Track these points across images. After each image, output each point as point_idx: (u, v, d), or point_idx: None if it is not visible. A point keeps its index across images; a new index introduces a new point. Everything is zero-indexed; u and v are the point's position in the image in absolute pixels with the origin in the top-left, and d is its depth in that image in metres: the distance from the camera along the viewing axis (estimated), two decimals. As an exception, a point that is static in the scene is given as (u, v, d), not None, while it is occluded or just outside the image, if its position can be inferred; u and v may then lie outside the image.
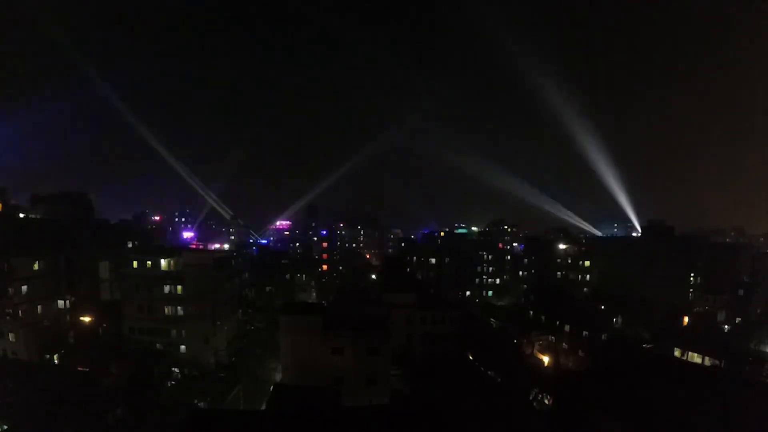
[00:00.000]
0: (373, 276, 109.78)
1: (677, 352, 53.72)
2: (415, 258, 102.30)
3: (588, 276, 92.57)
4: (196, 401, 43.31)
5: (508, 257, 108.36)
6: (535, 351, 59.64)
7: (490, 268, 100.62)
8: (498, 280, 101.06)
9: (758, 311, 75.96)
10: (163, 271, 54.70)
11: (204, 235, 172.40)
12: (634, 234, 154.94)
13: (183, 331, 53.83)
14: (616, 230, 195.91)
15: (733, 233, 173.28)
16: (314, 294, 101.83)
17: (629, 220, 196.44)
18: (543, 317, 65.86)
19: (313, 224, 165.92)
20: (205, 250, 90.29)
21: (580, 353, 56.83)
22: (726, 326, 75.91)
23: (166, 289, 54.02)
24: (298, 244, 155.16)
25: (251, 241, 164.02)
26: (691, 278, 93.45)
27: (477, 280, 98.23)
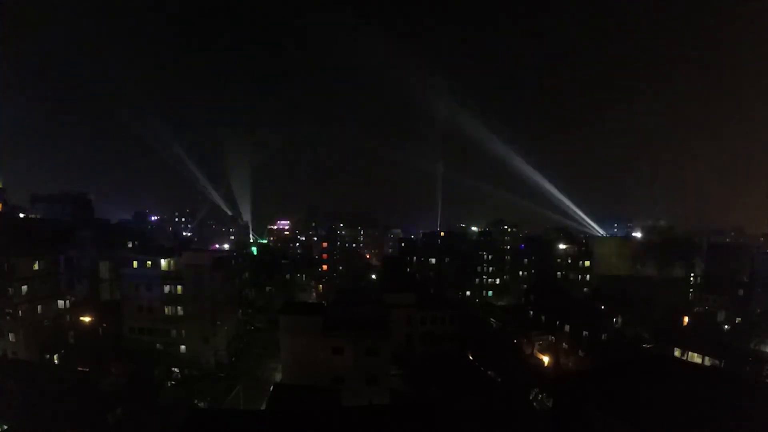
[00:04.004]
0: (373, 276, 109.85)
1: (677, 352, 53.71)
2: (415, 258, 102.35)
3: (588, 276, 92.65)
4: (196, 401, 43.29)
5: (508, 257, 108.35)
6: (535, 351, 59.66)
7: (490, 268, 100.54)
8: (498, 280, 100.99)
9: (758, 311, 75.90)
10: (163, 271, 54.70)
11: (204, 235, 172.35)
12: (634, 234, 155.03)
13: (183, 331, 53.80)
14: (615, 230, 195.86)
15: (733, 233, 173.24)
16: (314, 294, 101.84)
17: (629, 220, 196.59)
18: (543, 317, 65.83)
19: (313, 224, 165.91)
20: (205, 250, 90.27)
21: (580, 353, 56.83)
22: (726, 326, 75.94)
23: (166, 289, 54.01)
24: (298, 244, 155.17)
25: (252, 240, 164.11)
26: (691, 278, 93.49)
27: (477, 280, 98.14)
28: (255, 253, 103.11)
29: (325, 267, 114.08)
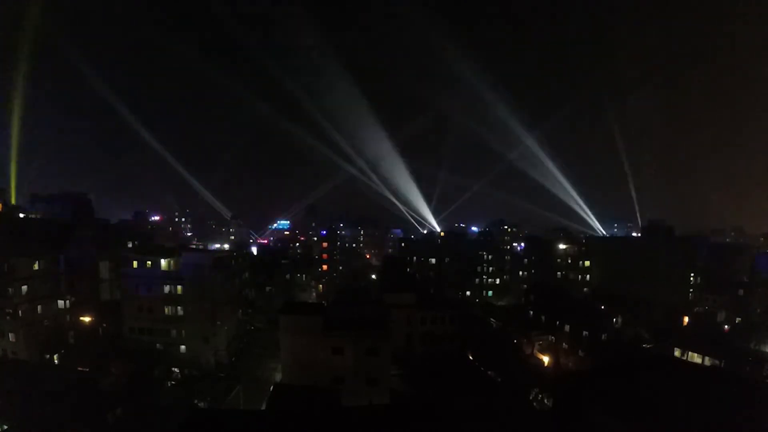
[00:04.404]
0: (373, 276, 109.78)
1: (677, 352, 53.76)
2: (415, 258, 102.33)
3: (588, 276, 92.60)
4: (196, 401, 43.29)
5: (508, 257, 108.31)
6: (535, 351, 59.68)
7: (490, 268, 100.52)
8: (498, 280, 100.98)
9: (758, 311, 75.96)
10: (163, 271, 54.69)
11: (204, 235, 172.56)
12: (634, 234, 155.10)
13: (183, 331, 53.78)
14: (615, 230, 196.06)
15: (733, 233, 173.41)
16: (314, 294, 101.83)
17: (629, 220, 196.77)
18: (543, 317, 65.85)
19: (313, 224, 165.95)
20: (205, 250, 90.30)
21: (580, 353, 56.85)
22: (726, 326, 76.00)
23: (166, 289, 53.97)
24: (297, 244, 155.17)
25: (252, 240, 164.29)
26: (691, 278, 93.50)
27: (477, 280, 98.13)
28: (255, 253, 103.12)
29: (325, 267, 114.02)
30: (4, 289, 48.95)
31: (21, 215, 74.58)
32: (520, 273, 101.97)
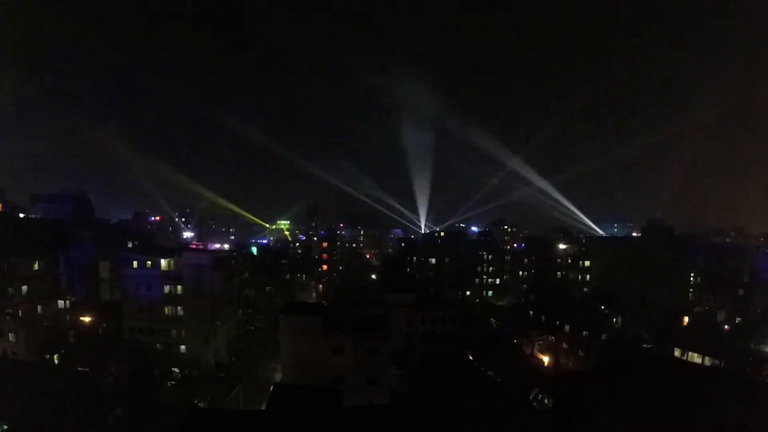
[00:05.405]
0: (373, 276, 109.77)
1: (677, 352, 53.72)
2: (415, 258, 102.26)
3: (588, 276, 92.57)
4: (196, 401, 43.30)
5: (508, 257, 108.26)
6: (535, 351, 59.64)
7: (490, 268, 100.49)
8: (498, 280, 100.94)
9: (758, 311, 75.93)
10: (163, 271, 54.70)
11: (204, 235, 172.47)
12: (634, 234, 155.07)
13: (183, 331, 53.82)
14: (616, 230, 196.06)
15: (733, 233, 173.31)
16: (314, 294, 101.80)
17: (629, 220, 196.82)
18: (543, 317, 65.82)
19: (313, 224, 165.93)
20: (205, 250, 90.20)
21: (580, 353, 56.82)
22: (726, 326, 76.00)
23: (166, 289, 54.01)
24: (298, 244, 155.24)
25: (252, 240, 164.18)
26: (691, 278, 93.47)
27: (477, 280, 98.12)
28: (255, 253, 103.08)
29: (325, 267, 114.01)
30: (4, 289, 48.99)
31: (21, 215, 74.61)
32: (520, 273, 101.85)
